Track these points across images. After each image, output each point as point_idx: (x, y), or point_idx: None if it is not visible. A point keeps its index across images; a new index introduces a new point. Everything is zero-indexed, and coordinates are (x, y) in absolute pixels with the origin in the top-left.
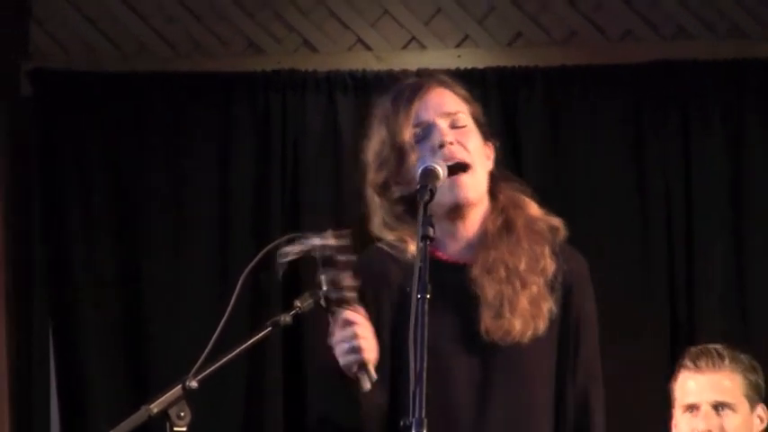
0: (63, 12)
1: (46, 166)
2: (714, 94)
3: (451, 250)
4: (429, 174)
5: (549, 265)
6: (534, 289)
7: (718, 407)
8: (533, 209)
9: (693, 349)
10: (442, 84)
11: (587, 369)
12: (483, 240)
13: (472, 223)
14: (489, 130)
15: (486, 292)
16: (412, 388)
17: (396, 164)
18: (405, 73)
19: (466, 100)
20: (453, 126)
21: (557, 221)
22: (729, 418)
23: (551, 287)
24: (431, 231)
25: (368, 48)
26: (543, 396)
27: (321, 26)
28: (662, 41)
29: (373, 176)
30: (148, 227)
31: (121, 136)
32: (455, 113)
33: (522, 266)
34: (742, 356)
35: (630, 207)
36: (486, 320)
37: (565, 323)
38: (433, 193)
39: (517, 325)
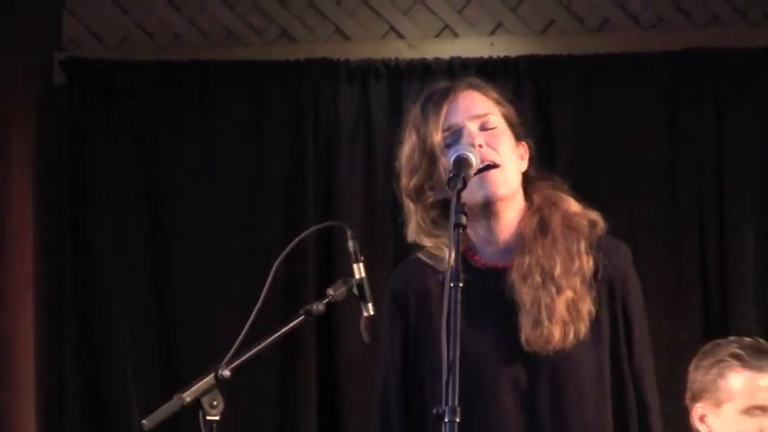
0: (96, 1)
1: (78, 155)
2: (747, 82)
3: (488, 255)
4: (462, 162)
5: (587, 263)
6: (569, 294)
7: None
8: (571, 205)
9: (743, 347)
10: (472, 86)
11: (640, 361)
12: (519, 244)
13: (508, 225)
14: (524, 130)
15: (524, 299)
16: (444, 377)
17: (427, 168)
18: (437, 61)
19: (497, 102)
20: (483, 128)
21: (595, 215)
22: None
23: (590, 285)
24: (463, 219)
25: (401, 36)
26: (593, 397)
27: (354, 14)
28: (694, 29)
29: (406, 182)
30: (181, 216)
31: (154, 125)
32: (484, 115)
33: (558, 270)
34: None
35: (663, 196)
36: (526, 330)
37: (612, 317)
38: (465, 182)
39: (556, 333)
